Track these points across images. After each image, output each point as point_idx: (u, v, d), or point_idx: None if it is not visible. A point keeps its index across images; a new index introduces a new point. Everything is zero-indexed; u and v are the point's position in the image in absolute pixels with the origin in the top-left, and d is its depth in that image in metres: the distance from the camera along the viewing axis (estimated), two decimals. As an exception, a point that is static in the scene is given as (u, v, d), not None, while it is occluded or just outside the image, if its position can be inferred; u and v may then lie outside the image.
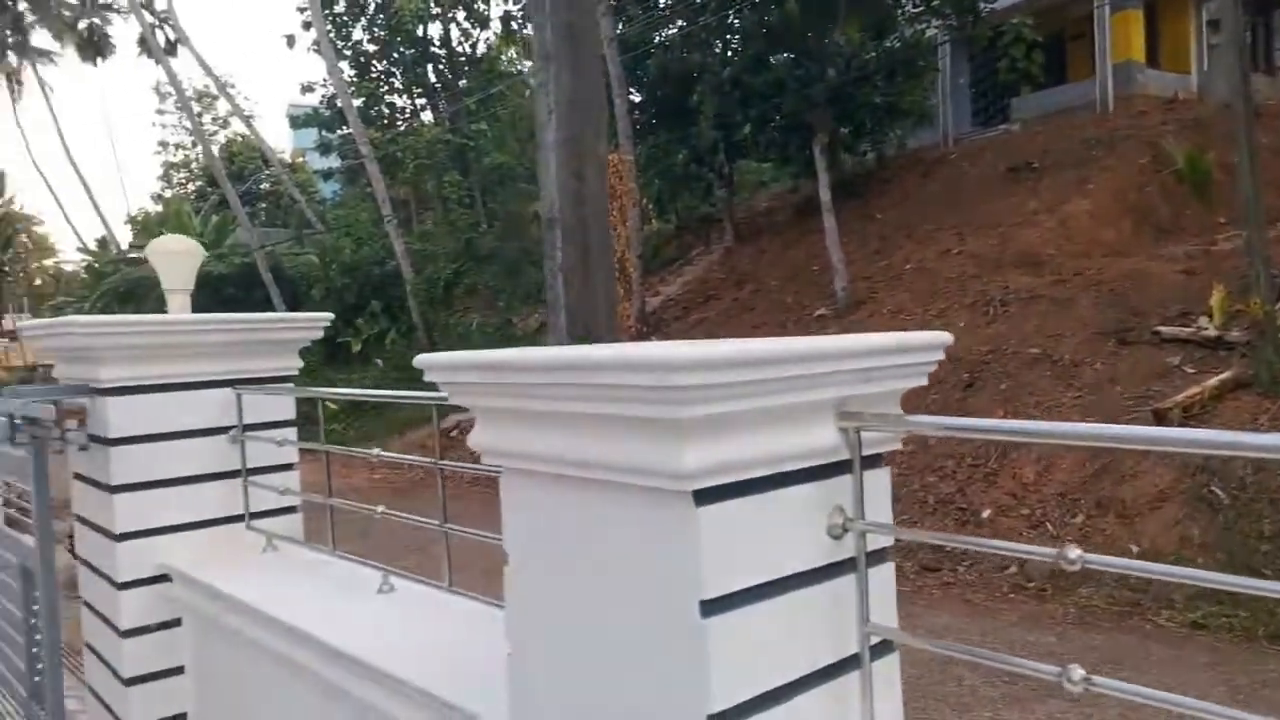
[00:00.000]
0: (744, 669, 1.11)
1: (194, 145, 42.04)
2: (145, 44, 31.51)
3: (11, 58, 32.04)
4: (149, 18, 23.74)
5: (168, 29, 27.03)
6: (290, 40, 25.62)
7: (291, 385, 2.96)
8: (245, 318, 2.84)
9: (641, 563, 1.15)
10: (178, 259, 2.99)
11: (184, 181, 42.33)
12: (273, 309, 23.08)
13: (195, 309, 3.48)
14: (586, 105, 4.87)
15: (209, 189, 36.72)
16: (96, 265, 29.30)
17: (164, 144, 42.08)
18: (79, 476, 2.95)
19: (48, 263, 52.71)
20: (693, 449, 1.06)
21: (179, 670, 2.72)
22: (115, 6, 29.44)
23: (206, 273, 25.76)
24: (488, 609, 1.93)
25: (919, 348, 1.26)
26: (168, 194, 40.97)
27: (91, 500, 2.81)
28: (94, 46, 29.85)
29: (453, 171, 25.31)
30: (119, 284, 26.10)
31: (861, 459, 1.21)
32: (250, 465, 2.81)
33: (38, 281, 50.90)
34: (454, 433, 17.28)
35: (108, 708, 2.79)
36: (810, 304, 13.05)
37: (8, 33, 32.14)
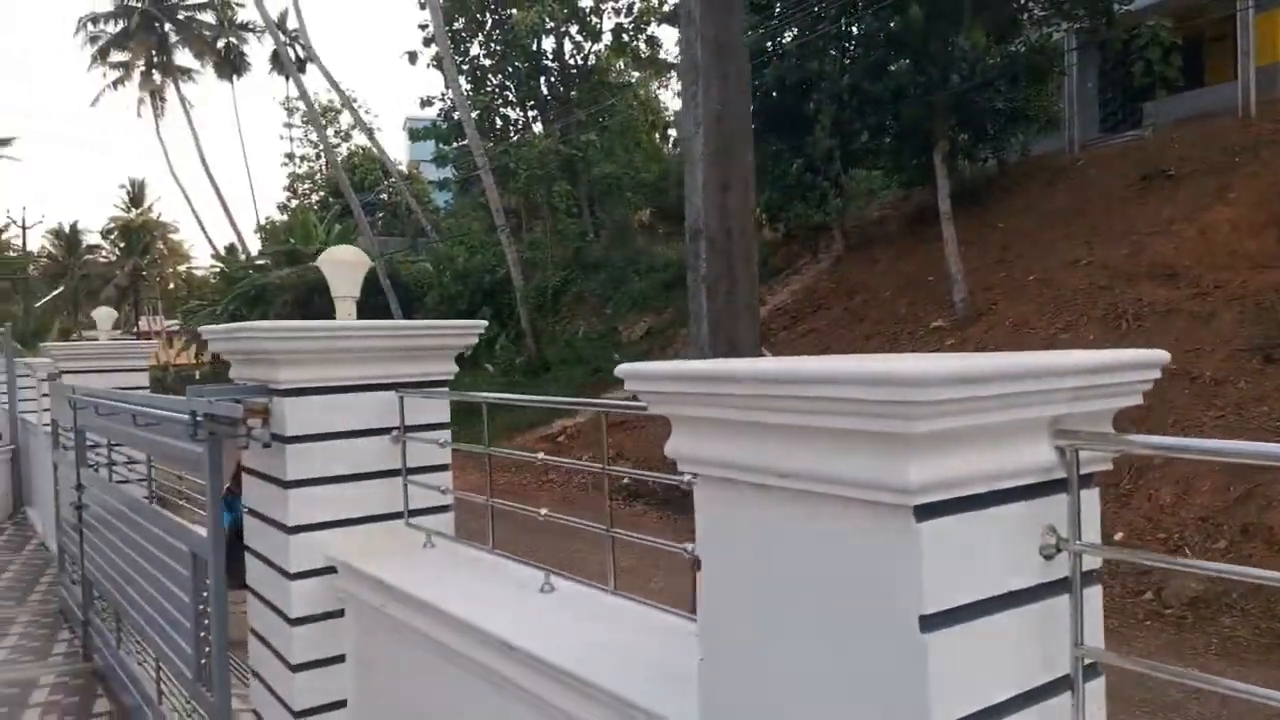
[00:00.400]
0: (961, 686, 1.11)
1: (318, 158, 44.12)
2: (277, 61, 33.28)
3: (156, 76, 34.31)
4: (282, 36, 25.02)
5: (298, 47, 28.47)
6: (412, 57, 26.47)
7: (448, 389, 3.08)
8: (407, 324, 2.98)
9: (854, 575, 1.16)
10: (346, 268, 3.16)
11: (308, 192, 44.41)
12: (389, 315, 23.95)
13: (315, 315, 3.63)
14: (734, 117, 4.89)
15: (331, 199, 38.45)
16: (228, 271, 30.99)
17: (290, 156, 44.20)
18: (249, 471, 3.14)
19: (181, 268, 56.07)
20: (917, 464, 1.07)
21: (340, 659, 2.86)
22: (251, 26, 31.23)
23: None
24: (657, 614, 1.97)
25: (1135, 365, 1.24)
26: (293, 204, 43.04)
27: (264, 494, 2.99)
28: (231, 64, 31.72)
29: (562, 181, 25.79)
30: (248, 289, 27.55)
31: (1079, 478, 1.20)
32: (409, 465, 2.95)
33: (171, 286, 54.13)
34: (560, 438, 17.59)
35: (273, 691, 2.95)
36: (926, 315, 12.75)
37: (153, 53, 34.45)
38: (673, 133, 33.14)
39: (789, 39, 15.63)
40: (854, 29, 14.60)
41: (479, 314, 24.35)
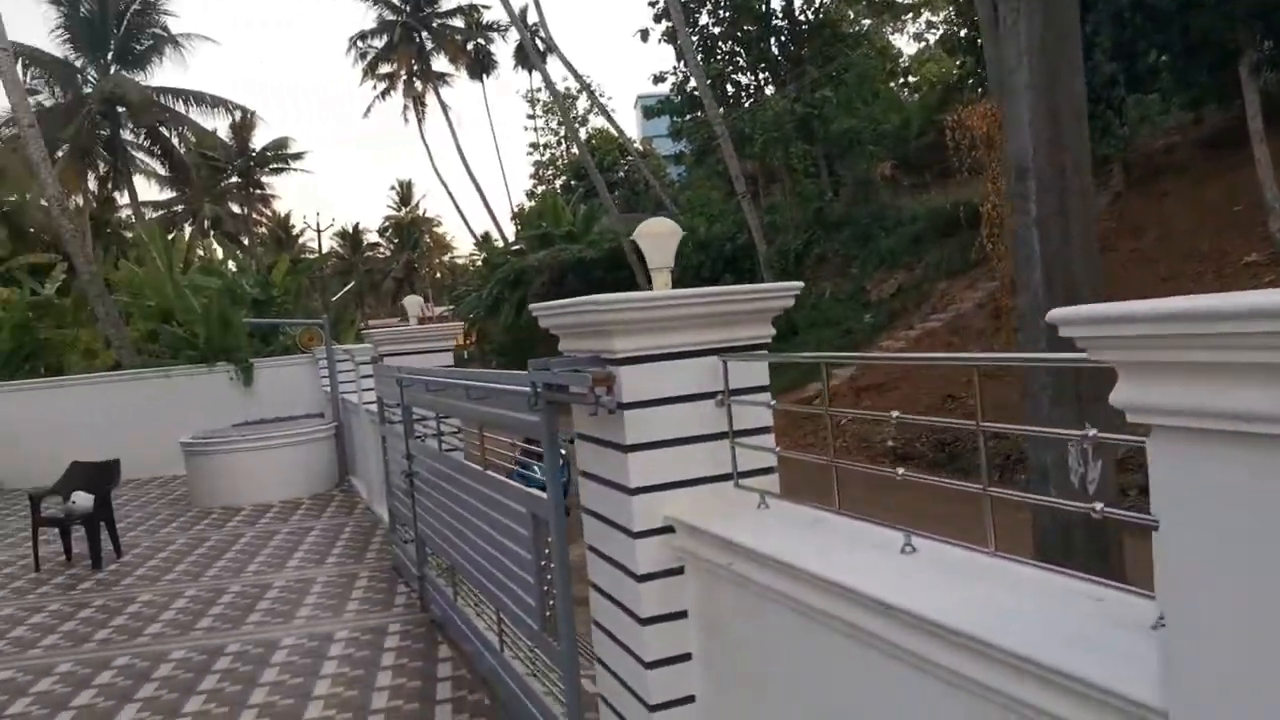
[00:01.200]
0: None
1: (559, 144, 46.28)
2: (520, 55, 35.12)
3: (417, 84, 37.39)
4: (525, 31, 26.36)
5: (538, 40, 29.89)
6: (644, 34, 26.97)
7: (767, 352, 3.10)
8: (726, 290, 3.01)
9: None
10: (661, 239, 3.24)
11: (551, 178, 46.74)
12: (637, 288, 24.73)
13: (569, 293, 3.76)
14: (1061, 43, 4.52)
15: (573, 182, 40.23)
16: (489, 257, 33.30)
17: (534, 145, 46.63)
18: (584, 437, 3.33)
19: (445, 258, 61.06)
20: None
21: (683, 614, 2.97)
22: (495, 26, 33.22)
23: (579, 257, 28.22)
24: (1053, 576, 1.86)
25: None
26: (539, 190, 45.48)
27: (601, 458, 3.15)
28: (480, 64, 33.91)
29: (798, 142, 25.28)
30: (508, 273, 29.47)
31: None
32: (735, 428, 3.00)
33: (438, 275, 59.11)
34: (815, 400, 17.35)
35: (620, 642, 3.13)
36: (1235, 250, 11.26)
37: (413, 62, 37.52)
38: (913, 78, 31.50)
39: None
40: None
41: (721, 282, 24.51)
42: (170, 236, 19.73)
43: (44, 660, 5.73)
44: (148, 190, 35.49)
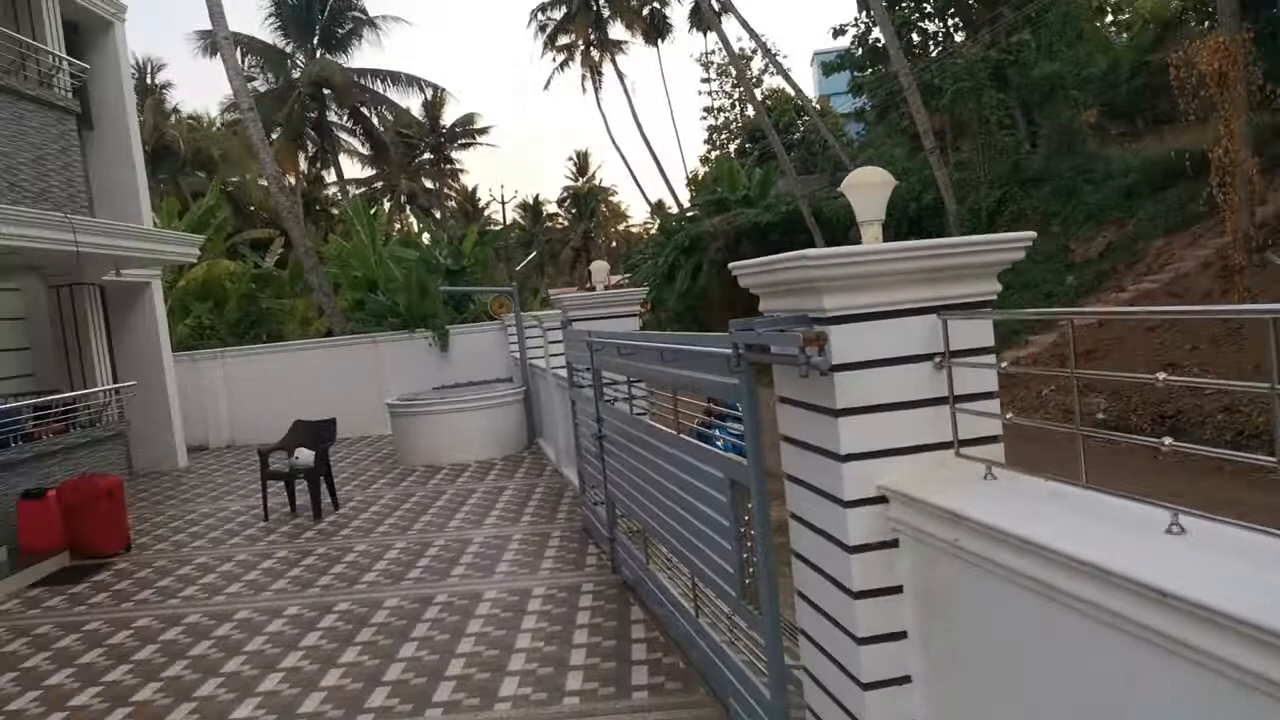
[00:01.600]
0: None
1: (732, 107, 45.68)
2: (696, 17, 34.80)
3: (594, 53, 37.88)
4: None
5: (714, 0, 29.47)
6: (823, -14, 25.92)
7: (992, 310, 2.85)
8: (946, 242, 2.77)
9: None
10: (871, 190, 3.04)
11: (724, 142, 46.26)
12: (816, 252, 24.03)
13: (741, 258, 3.60)
14: None
15: (747, 145, 39.66)
16: (665, 225, 33.44)
17: (708, 110, 46.23)
18: (785, 400, 3.19)
19: (620, 227, 61.99)
20: None
21: (897, 589, 2.80)
22: (670, -12, 33.10)
23: (755, 222, 27.84)
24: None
25: None
26: (713, 155, 45.14)
27: (806, 423, 3.01)
28: (656, 29, 33.91)
29: (992, 90, 23.65)
30: (683, 240, 29.48)
31: None
32: (956, 393, 2.77)
33: (614, 244, 60.10)
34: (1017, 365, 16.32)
35: (827, 615, 2.99)
36: None
37: (590, 31, 37.99)
38: (1123, 15, 28.74)
39: None
40: None
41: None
42: (372, 211, 21.01)
43: (275, 603, 6.26)
44: (350, 168, 38.07)
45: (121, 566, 7.70)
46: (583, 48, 37.88)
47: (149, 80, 34.00)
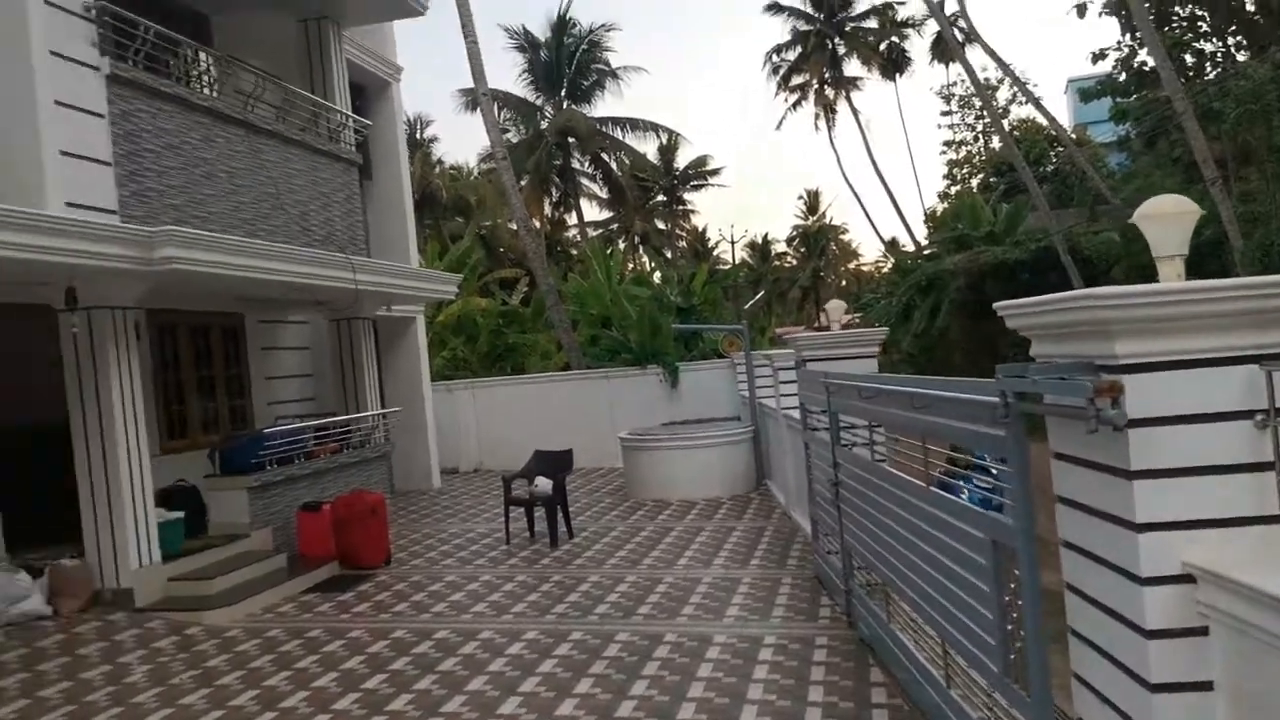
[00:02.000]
0: None
1: (975, 140, 43.50)
2: (938, 49, 33.65)
3: (829, 91, 37.57)
4: (946, 22, 25.18)
5: (957, 30, 28.34)
6: (1081, 9, 24.22)
7: (1334, 361, 2.40)
8: (1269, 281, 2.38)
9: None
10: (1169, 221, 2.69)
11: (965, 177, 44.05)
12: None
13: (988, 300, 3.21)
14: None
15: (992, 179, 37.53)
16: (900, 263, 32.27)
17: (949, 143, 44.33)
18: (1063, 457, 2.87)
19: (851, 265, 60.64)
20: None
21: (1207, 685, 2.40)
22: (909, 21, 32.17)
23: (1002, 259, 26.26)
24: None
25: None
26: (953, 190, 43.12)
27: (1089, 484, 2.68)
28: (893, 63, 33.08)
29: (1287, 112, 20.89)
30: (920, 278, 28.28)
31: None
32: (1285, 457, 2.35)
33: (844, 283, 58.82)
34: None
35: (1116, 708, 2.63)
36: None
37: (824, 70, 37.77)
38: None
39: None
40: None
41: (1180, 283, 21.13)
42: (608, 252, 21.90)
43: (515, 626, 6.51)
44: (589, 211, 40.00)
45: (382, 578, 8.35)
46: (816, 86, 37.69)
47: (418, 135, 37.63)
